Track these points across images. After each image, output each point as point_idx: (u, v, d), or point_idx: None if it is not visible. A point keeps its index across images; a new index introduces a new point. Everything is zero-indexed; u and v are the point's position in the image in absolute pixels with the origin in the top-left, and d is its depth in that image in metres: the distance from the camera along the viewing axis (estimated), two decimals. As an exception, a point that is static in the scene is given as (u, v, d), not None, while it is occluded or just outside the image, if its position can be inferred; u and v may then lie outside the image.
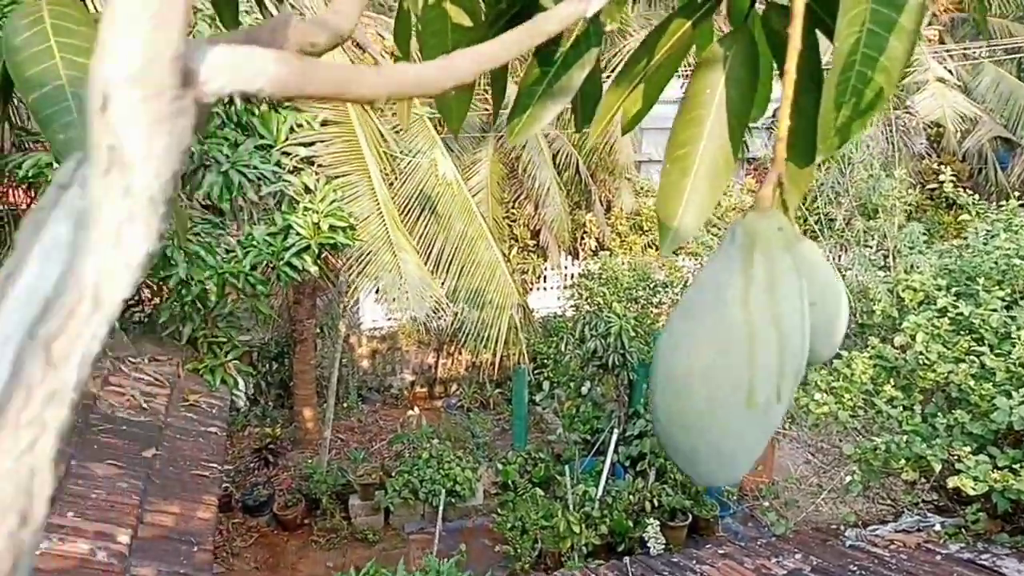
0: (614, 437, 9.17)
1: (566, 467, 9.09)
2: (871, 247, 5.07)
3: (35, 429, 0.26)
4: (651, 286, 10.95)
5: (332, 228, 5.17)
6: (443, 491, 8.65)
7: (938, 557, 3.07)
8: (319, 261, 5.47)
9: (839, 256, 5.28)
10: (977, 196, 5.23)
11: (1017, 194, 6.51)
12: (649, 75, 0.80)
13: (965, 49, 13.65)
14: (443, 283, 7.44)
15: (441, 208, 8.76)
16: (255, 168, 4.76)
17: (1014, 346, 3.68)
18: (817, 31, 0.74)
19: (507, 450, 10.39)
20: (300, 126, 5.63)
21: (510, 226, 13.71)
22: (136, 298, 5.39)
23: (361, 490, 9.22)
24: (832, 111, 0.63)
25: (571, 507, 8.53)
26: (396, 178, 7.73)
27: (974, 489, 3.10)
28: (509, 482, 9.36)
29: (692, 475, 0.55)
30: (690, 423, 0.52)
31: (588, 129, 0.94)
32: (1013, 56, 13.81)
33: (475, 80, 1.11)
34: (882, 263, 5.11)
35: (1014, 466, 3.13)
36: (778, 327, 0.50)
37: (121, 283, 0.28)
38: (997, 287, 4.17)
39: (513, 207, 13.83)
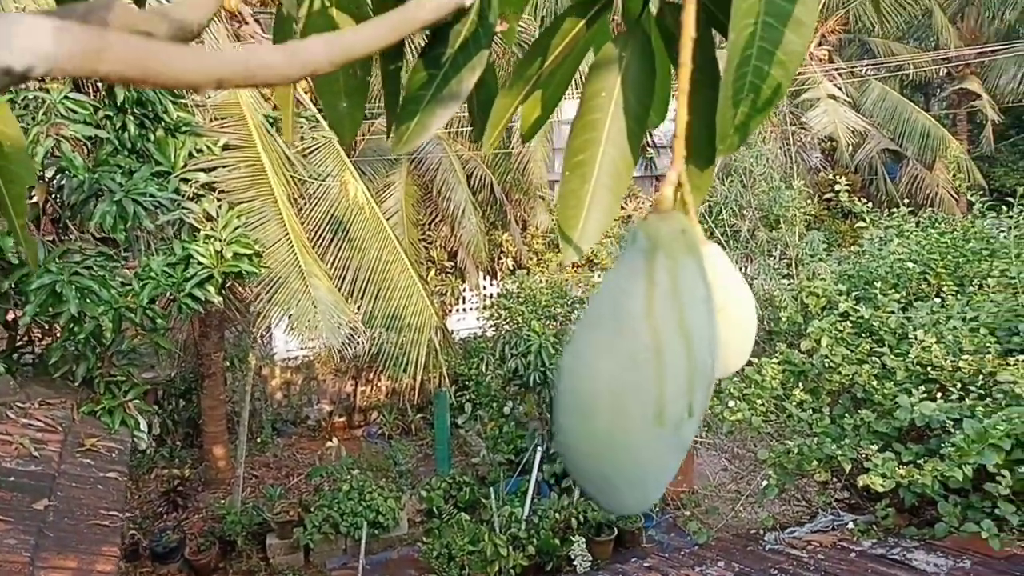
0: (538, 455, 9.14)
1: (491, 489, 9.01)
2: (775, 256, 5.26)
3: None
4: (568, 303, 11.04)
5: (237, 256, 4.97)
6: (365, 523, 8.42)
7: (852, 555, 3.16)
8: (224, 291, 5.25)
9: (745, 266, 5.45)
10: (870, 205, 5.50)
11: (906, 202, 6.87)
12: (544, 78, 0.76)
13: (853, 68, 14.48)
14: (359, 308, 7.28)
15: (354, 232, 8.60)
16: (151, 196, 4.53)
17: (911, 346, 3.85)
18: (713, 30, 0.72)
19: (431, 476, 10.22)
20: (200, 151, 5.41)
21: (426, 248, 13.62)
22: (25, 339, 5.03)
23: (279, 528, 8.86)
24: (730, 108, 0.61)
25: (498, 529, 8.44)
26: (305, 202, 7.55)
27: (882, 486, 3.21)
28: (434, 508, 9.20)
29: (604, 503, 0.50)
30: (597, 447, 0.47)
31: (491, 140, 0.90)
32: (896, 74, 14.72)
33: (365, 86, 1.05)
34: (786, 271, 5.30)
35: (918, 461, 3.26)
36: (686, 337, 0.46)
37: None
38: (893, 290, 4.38)
39: (429, 229, 13.76)
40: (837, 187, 5.09)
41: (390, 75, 1.01)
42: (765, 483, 3.70)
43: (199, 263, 4.75)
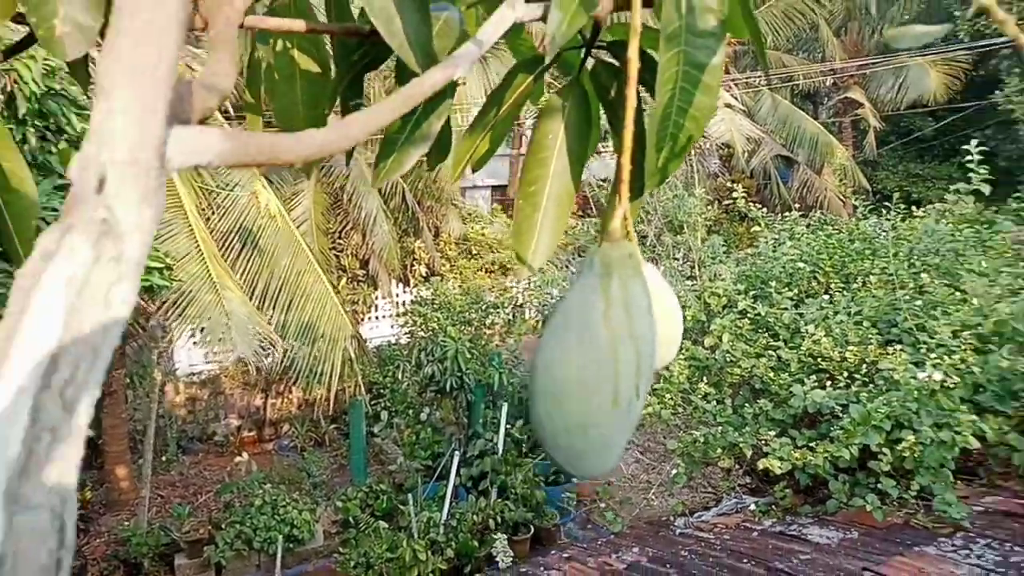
0: (455, 460, 9.23)
1: (409, 495, 9.03)
2: (679, 259, 5.57)
3: (61, 464, 0.30)
4: (483, 308, 11.17)
5: (147, 270, 4.87)
6: (280, 537, 8.29)
7: (754, 533, 3.43)
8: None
9: (655, 264, 5.74)
10: (765, 209, 5.90)
11: (797, 205, 7.36)
12: (498, 122, 0.90)
13: (747, 78, 15.27)
14: (271, 319, 7.19)
15: (264, 242, 8.48)
16: (55, 211, 4.39)
17: (803, 339, 4.19)
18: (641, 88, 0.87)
19: (346, 486, 10.13)
20: (104, 162, 5.25)
21: (337, 257, 13.48)
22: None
23: (188, 548, 8.60)
24: (654, 154, 0.76)
25: (416, 535, 8.47)
26: (214, 213, 7.40)
27: (780, 468, 3.50)
28: (350, 519, 9.12)
29: (573, 470, 0.64)
30: (568, 425, 0.61)
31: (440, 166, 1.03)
32: (787, 84, 15.62)
33: (324, 119, 1.16)
34: (689, 273, 5.62)
35: (810, 444, 3.57)
36: (634, 339, 0.61)
37: (113, 336, 0.33)
38: (786, 289, 4.74)
39: (340, 237, 13.61)
40: (735, 193, 5.45)
41: (351, 112, 1.13)
42: (674, 472, 3.94)
43: (107, 276, 4.63)
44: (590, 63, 0.89)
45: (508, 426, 8.94)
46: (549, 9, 0.69)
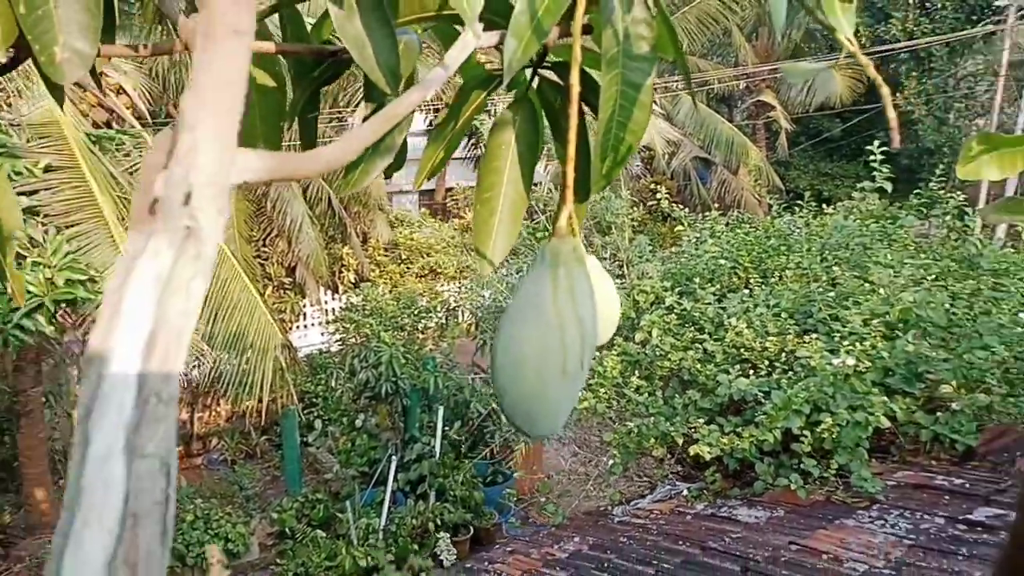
0: (393, 465, 9.22)
1: (347, 503, 8.97)
2: (607, 259, 5.76)
3: (164, 422, 0.38)
4: (416, 313, 11.16)
5: (70, 283, 4.75)
6: (219, 548, 8.12)
7: (688, 517, 3.60)
8: (55, 320, 4.98)
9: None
10: (686, 209, 6.15)
11: (716, 204, 7.65)
12: (453, 134, 0.99)
13: (666, 83, 15.73)
14: (198, 329, 7.04)
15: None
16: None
17: (727, 332, 4.41)
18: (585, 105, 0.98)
19: (281, 497, 9.98)
20: (19, 173, 5.08)
21: (262, 265, 13.23)
22: None
23: (118, 568, 8.35)
24: (599, 162, 0.86)
25: (355, 542, 8.44)
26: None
27: (709, 454, 3.69)
28: (286, 529, 9.00)
29: (529, 430, 0.74)
30: (526, 393, 0.72)
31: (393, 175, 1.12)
32: (702, 88, 16.15)
33: (280, 131, 1.23)
34: (618, 272, 5.82)
35: (737, 430, 3.77)
36: (578, 320, 0.71)
37: (191, 323, 0.41)
38: (709, 284, 4.97)
39: (264, 245, 13.36)
40: (658, 194, 5.67)
41: (308, 123, 1.21)
42: (611, 463, 4.10)
43: (27, 292, 4.50)
44: (536, 81, 0.99)
45: (446, 428, 8.98)
46: (505, 37, 0.79)
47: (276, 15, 1.17)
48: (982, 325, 3.99)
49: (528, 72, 0.99)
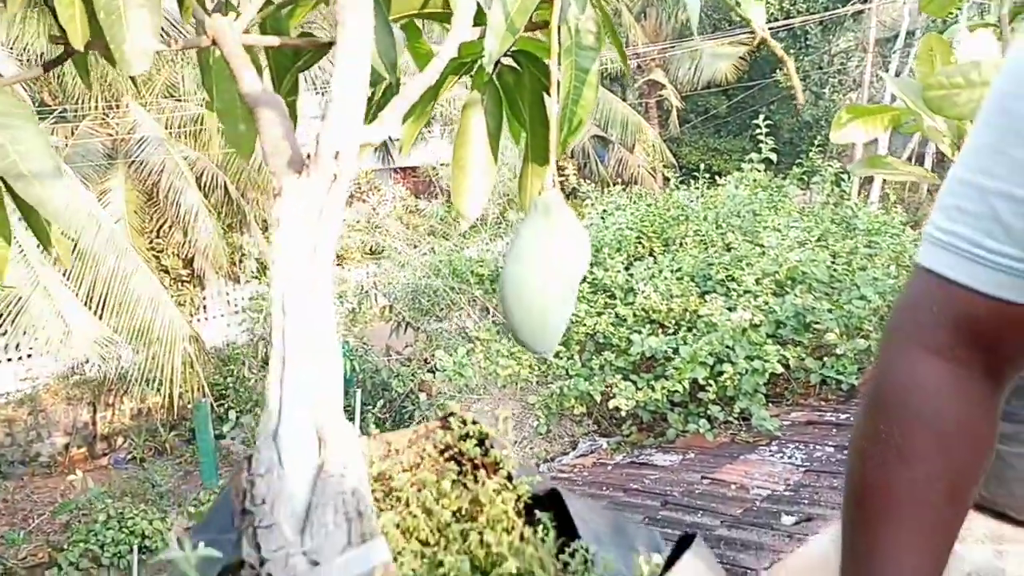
0: (312, 450, 9.23)
1: (268, 491, 8.93)
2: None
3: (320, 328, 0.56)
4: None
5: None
6: (135, 547, 7.95)
7: (609, 467, 3.90)
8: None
9: (498, 239, 6.13)
10: (593, 184, 6.44)
11: (616, 181, 7.99)
12: (429, 110, 1.18)
13: (560, 62, 16.02)
14: (108, 324, 6.85)
15: (84, 244, 7.99)
16: None
17: (636, 296, 4.74)
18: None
19: (197, 491, 9.80)
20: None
21: (157, 257, 12.76)
22: None
23: (27, 574, 8.04)
24: (559, 133, 1.07)
25: (280, 529, 8.43)
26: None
27: (626, 407, 4.00)
28: (206, 523, 8.91)
29: (534, 346, 0.94)
30: (531, 317, 0.92)
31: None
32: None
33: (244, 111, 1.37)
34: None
35: (650, 384, 4.10)
36: (568, 254, 0.92)
37: (335, 238, 0.59)
38: (617, 254, 5.30)
39: (158, 236, 12.86)
40: (567, 171, 5.93)
41: (290, 106, 1.37)
42: (536, 423, 4.36)
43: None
44: (497, 68, 1.19)
45: (369, 407, 9.07)
46: (486, 33, 0.98)
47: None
48: (859, 279, 4.47)
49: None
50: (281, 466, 0.48)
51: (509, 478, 0.62)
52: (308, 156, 0.59)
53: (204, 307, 14.08)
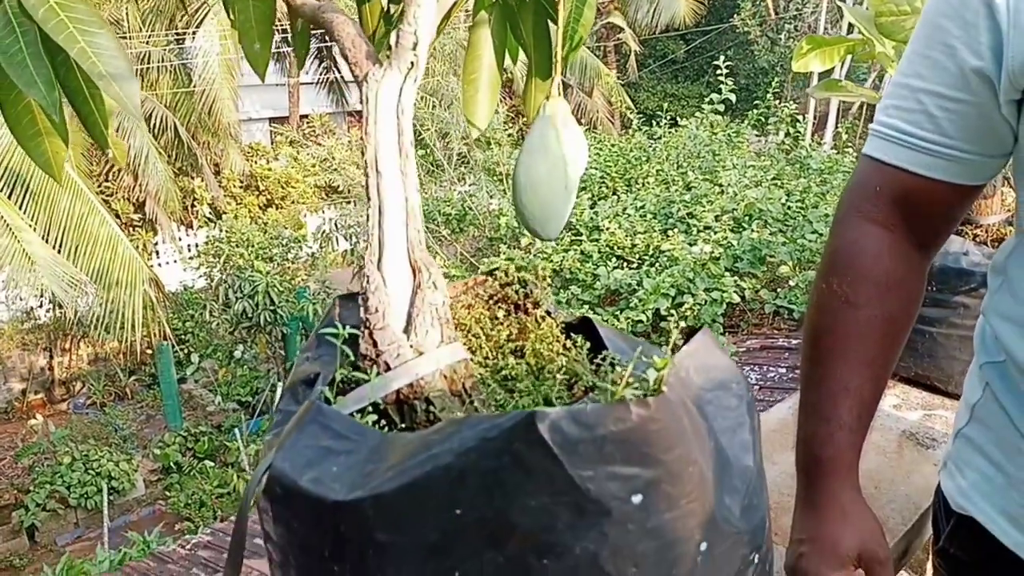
0: (278, 393, 9.32)
1: (235, 431, 9.03)
2: (488, 172, 6.10)
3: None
4: (284, 244, 10.99)
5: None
6: (104, 487, 8.02)
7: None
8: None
9: (464, 182, 6.23)
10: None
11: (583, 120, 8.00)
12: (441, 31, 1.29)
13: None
14: (73, 263, 6.78)
15: (36, 186, 7.82)
16: None
17: (601, 233, 4.91)
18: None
19: (161, 434, 9.85)
20: None
21: (107, 201, 12.46)
22: None
23: (-6, 515, 8.09)
24: (561, 49, 1.20)
25: (247, 469, 8.58)
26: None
27: (594, 336, 4.20)
28: (171, 464, 8.97)
29: (541, 232, 1.09)
30: (540, 205, 1.06)
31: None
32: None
33: (271, 32, 1.48)
34: (500, 186, 6.19)
35: (615, 315, 4.31)
36: (572, 153, 1.06)
37: (412, 115, 0.72)
38: (583, 192, 5.45)
39: (107, 180, 12.56)
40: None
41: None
42: (506, 354, 4.55)
43: None
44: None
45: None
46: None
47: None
48: (812, 215, 4.70)
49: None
50: (386, 286, 0.62)
51: (548, 313, 0.77)
52: (390, 47, 0.71)
53: (156, 252, 13.87)
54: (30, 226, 6.14)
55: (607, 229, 4.88)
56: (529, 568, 0.43)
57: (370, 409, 0.58)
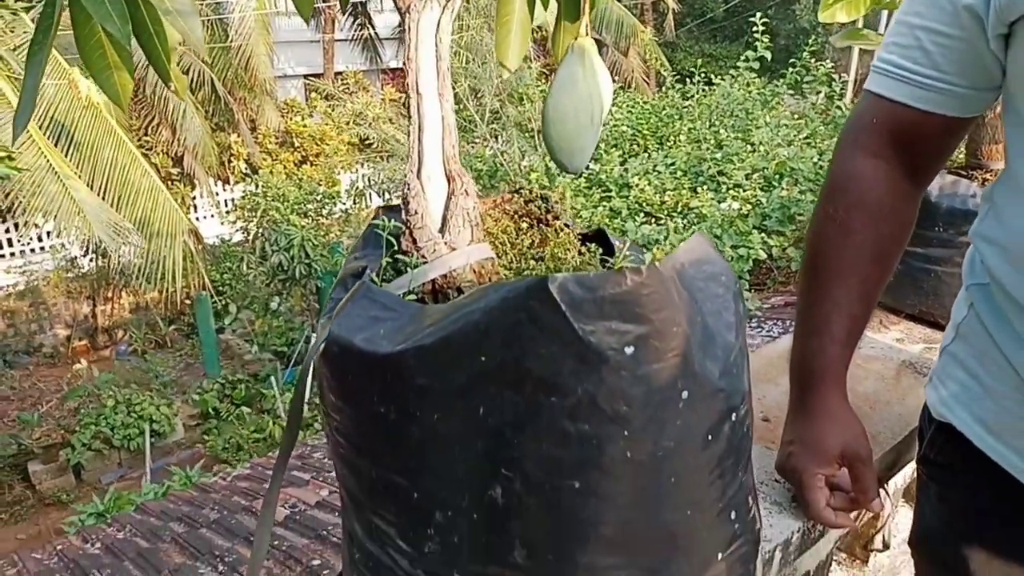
0: (312, 344, 9.54)
1: (271, 379, 9.30)
2: (518, 127, 6.14)
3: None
4: (318, 199, 11.13)
5: (-12, 159, 4.72)
6: (147, 429, 8.36)
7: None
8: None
9: (498, 138, 6.27)
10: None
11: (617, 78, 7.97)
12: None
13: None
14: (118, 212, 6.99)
15: (80, 135, 8.01)
16: None
17: (631, 190, 4.96)
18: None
19: (198, 382, 10.17)
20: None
21: (146, 156, 12.69)
22: None
23: (43, 453, 8.47)
24: (588, -7, 1.27)
25: (283, 415, 8.86)
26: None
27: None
28: (210, 410, 9.28)
29: (569, 165, 1.17)
30: (567, 137, 1.14)
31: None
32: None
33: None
34: (531, 141, 6.23)
35: (643, 268, 4.38)
36: (600, 90, 1.14)
37: (448, 45, 0.81)
38: (613, 150, 5.47)
39: (147, 134, 12.75)
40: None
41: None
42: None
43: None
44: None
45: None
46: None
47: None
48: (842, 175, 4.69)
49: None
50: (424, 192, 0.71)
51: (566, 225, 0.86)
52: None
53: (194, 206, 14.11)
54: (76, 174, 6.33)
55: (637, 186, 4.92)
56: (539, 405, 0.53)
57: (411, 298, 0.68)
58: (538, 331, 0.52)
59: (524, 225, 0.81)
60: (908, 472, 1.22)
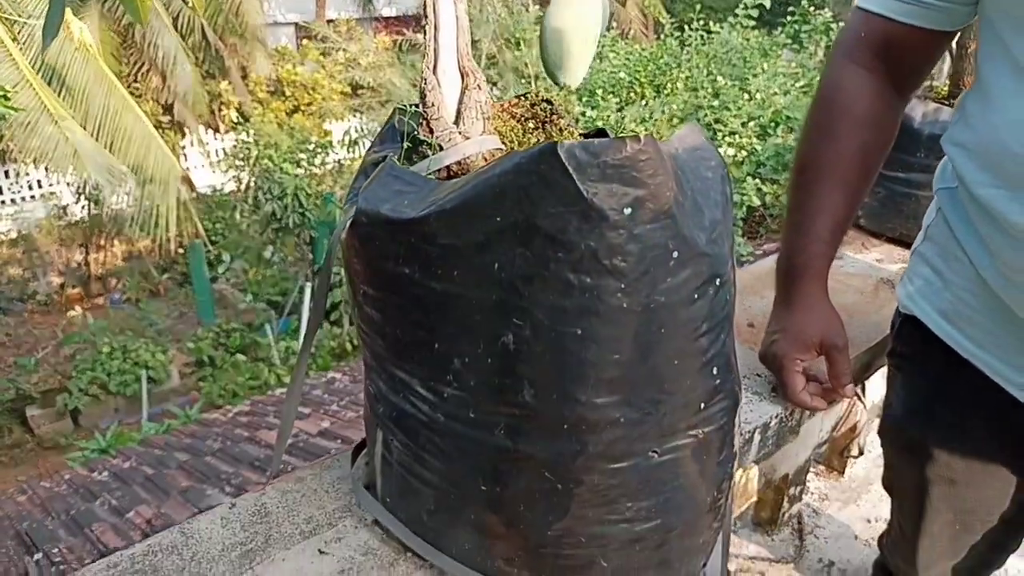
0: (307, 293, 9.58)
1: (266, 326, 9.37)
2: (515, 72, 6.13)
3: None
4: (310, 148, 11.04)
5: (-16, 97, 4.70)
6: (144, 374, 8.45)
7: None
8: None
9: (495, 85, 6.25)
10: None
11: (606, 34, 7.87)
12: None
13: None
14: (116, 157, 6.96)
15: (72, 79, 7.93)
16: None
17: (627, 136, 4.98)
18: None
19: (193, 331, 10.23)
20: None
21: (136, 102, 12.53)
22: None
23: (41, 398, 8.57)
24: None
25: (278, 363, 8.96)
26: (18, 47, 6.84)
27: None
28: (205, 358, 9.35)
29: (567, 79, 1.23)
30: (564, 53, 1.20)
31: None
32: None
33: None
34: (526, 85, 6.21)
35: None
36: (594, 9, 1.19)
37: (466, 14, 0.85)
38: (611, 96, 5.48)
39: (136, 81, 12.56)
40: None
41: None
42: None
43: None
44: None
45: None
46: None
47: None
48: (837, 123, 4.73)
49: None
50: (440, 86, 0.77)
51: (569, 125, 0.92)
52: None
53: (184, 155, 13.99)
54: (71, 116, 6.29)
55: (634, 132, 4.95)
56: (547, 259, 0.60)
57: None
58: (547, 192, 0.59)
59: (530, 126, 0.87)
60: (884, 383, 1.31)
